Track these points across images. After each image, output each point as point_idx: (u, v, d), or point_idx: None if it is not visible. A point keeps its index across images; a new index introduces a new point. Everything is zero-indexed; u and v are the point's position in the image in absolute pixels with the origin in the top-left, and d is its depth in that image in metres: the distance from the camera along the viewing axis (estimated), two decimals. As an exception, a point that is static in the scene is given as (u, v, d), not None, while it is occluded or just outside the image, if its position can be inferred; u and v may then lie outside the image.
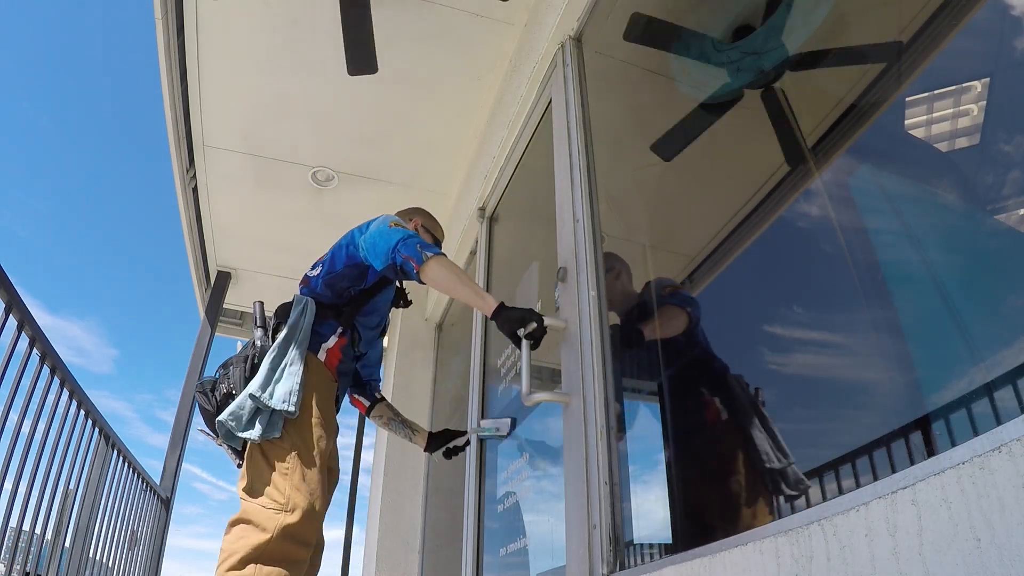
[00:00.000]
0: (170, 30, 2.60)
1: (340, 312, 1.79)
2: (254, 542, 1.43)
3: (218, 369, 1.71)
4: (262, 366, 1.58)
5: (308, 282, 1.85)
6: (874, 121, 1.64)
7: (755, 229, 2.00)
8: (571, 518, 1.46)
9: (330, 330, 1.76)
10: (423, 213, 2.13)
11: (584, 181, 1.84)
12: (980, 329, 1.16)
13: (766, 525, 0.92)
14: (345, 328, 1.78)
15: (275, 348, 1.61)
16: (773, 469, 1.51)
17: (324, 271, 1.82)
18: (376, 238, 1.70)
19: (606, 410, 1.48)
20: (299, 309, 1.71)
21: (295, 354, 1.61)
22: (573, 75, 2.06)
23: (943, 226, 1.41)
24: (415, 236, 1.65)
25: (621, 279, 2.02)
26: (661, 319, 1.90)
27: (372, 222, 1.80)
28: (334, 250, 1.85)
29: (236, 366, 1.64)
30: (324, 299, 1.79)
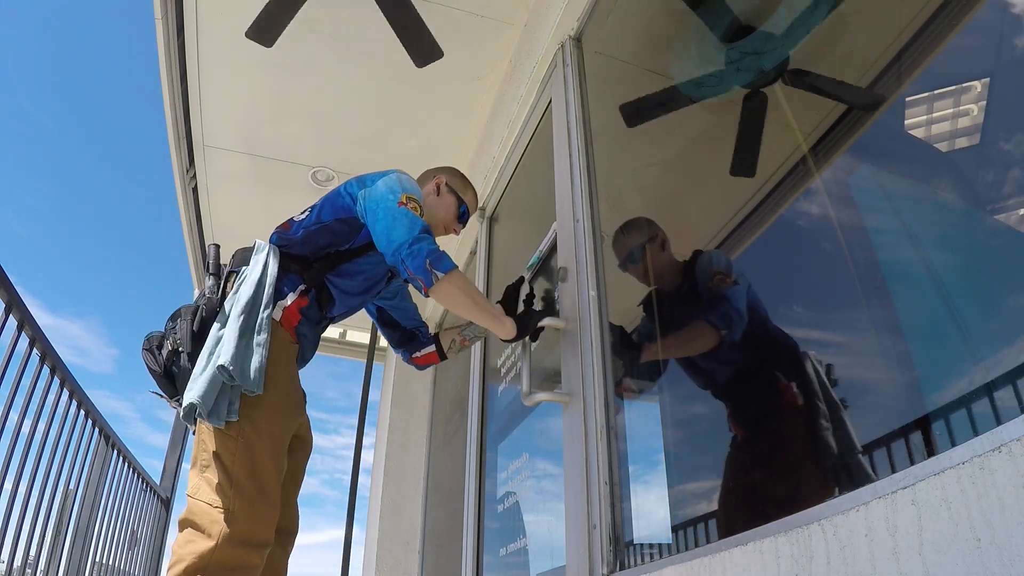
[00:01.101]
0: (170, 30, 2.60)
1: (308, 266, 1.55)
2: (199, 549, 1.26)
3: (167, 322, 1.50)
4: (226, 331, 1.36)
5: (289, 226, 1.62)
6: (874, 121, 1.64)
7: (755, 229, 2.00)
8: (571, 518, 1.46)
9: (290, 286, 1.51)
10: (451, 171, 1.85)
11: (584, 181, 1.84)
12: (980, 329, 1.16)
13: (766, 525, 0.92)
14: (310, 287, 1.53)
15: (240, 310, 1.38)
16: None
17: (312, 219, 1.59)
18: (377, 207, 1.50)
19: (606, 410, 1.48)
20: (260, 259, 1.47)
21: (263, 319, 1.39)
22: (573, 75, 2.06)
23: (943, 226, 1.41)
24: (424, 241, 1.44)
25: (667, 248, 1.78)
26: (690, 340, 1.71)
27: (379, 178, 1.59)
28: (326, 198, 1.63)
29: (184, 319, 1.44)
30: (293, 249, 1.56)
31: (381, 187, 1.54)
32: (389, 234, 1.45)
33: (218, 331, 1.38)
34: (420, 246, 1.43)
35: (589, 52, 2.13)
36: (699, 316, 1.69)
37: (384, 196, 1.51)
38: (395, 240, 1.44)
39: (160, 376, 1.46)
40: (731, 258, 2.13)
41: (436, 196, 1.77)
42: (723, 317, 1.64)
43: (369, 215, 1.51)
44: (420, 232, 1.45)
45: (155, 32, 2.58)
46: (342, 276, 1.59)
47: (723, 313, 1.65)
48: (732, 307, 1.65)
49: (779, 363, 1.52)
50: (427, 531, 3.42)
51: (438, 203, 1.76)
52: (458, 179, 1.82)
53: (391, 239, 1.45)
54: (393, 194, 1.51)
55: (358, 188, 1.58)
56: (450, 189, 1.78)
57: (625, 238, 1.79)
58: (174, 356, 1.43)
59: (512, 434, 2.16)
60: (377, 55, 2.78)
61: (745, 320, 1.61)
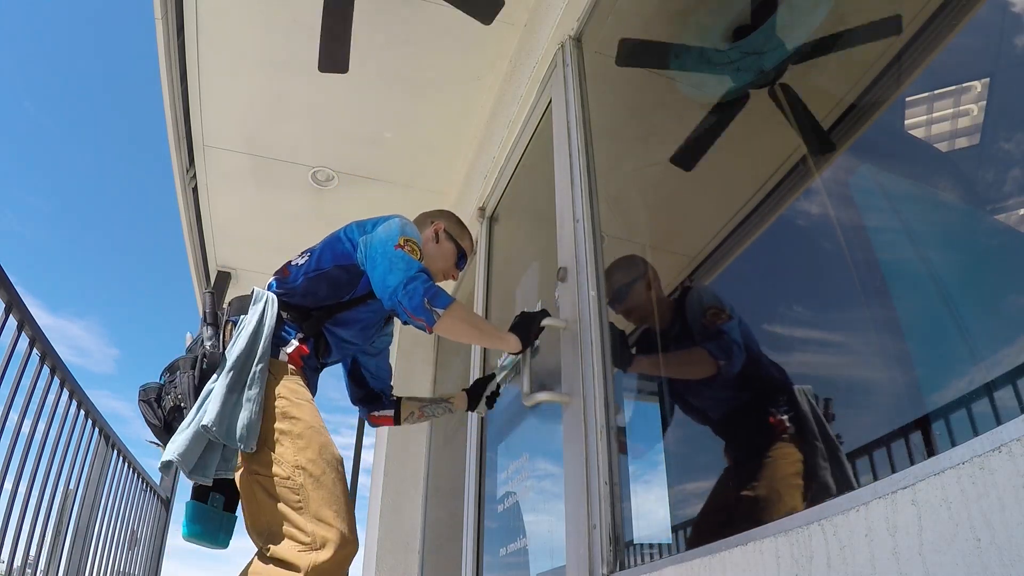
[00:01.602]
0: (170, 30, 2.60)
1: (307, 315, 1.53)
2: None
3: (163, 372, 1.45)
4: (216, 387, 1.32)
5: (287, 272, 1.59)
6: (874, 121, 1.64)
7: (755, 229, 2.00)
8: (571, 518, 1.46)
9: (291, 334, 1.50)
10: (448, 217, 1.85)
11: (584, 181, 1.84)
12: (980, 329, 1.16)
13: (766, 525, 0.92)
14: (308, 336, 1.51)
15: (231, 364, 1.34)
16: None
17: (311, 265, 1.57)
18: (376, 254, 1.49)
19: (606, 410, 1.48)
20: (258, 309, 1.44)
21: (256, 372, 1.35)
22: (573, 75, 2.06)
23: (943, 226, 1.41)
24: (420, 280, 1.42)
25: (653, 287, 1.80)
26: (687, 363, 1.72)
27: (379, 223, 1.58)
28: (326, 242, 1.61)
29: (184, 372, 1.39)
30: (292, 298, 1.53)
31: (380, 233, 1.53)
32: (385, 278, 1.45)
33: (213, 382, 1.35)
34: (414, 285, 1.41)
35: (589, 52, 2.13)
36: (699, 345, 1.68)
37: (382, 241, 1.51)
38: (390, 284, 1.43)
39: (159, 429, 1.42)
40: (731, 258, 2.13)
41: (435, 244, 1.77)
42: (723, 348, 1.64)
43: (368, 262, 1.51)
44: (415, 272, 1.44)
45: (155, 32, 2.58)
46: (339, 325, 1.58)
47: (723, 345, 1.65)
48: (731, 339, 1.64)
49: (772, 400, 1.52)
50: (427, 531, 3.42)
51: (437, 251, 1.76)
52: (455, 224, 1.83)
53: (386, 283, 1.44)
54: (391, 239, 1.50)
55: (359, 234, 1.58)
56: (448, 236, 1.79)
57: (610, 278, 1.77)
58: (176, 412, 1.39)
59: (512, 434, 2.16)
60: (377, 55, 2.78)
61: (743, 354, 1.61)
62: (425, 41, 2.70)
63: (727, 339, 1.64)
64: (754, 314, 1.80)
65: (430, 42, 2.70)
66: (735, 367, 1.61)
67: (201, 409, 1.31)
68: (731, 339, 1.64)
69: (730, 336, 1.64)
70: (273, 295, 1.50)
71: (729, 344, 1.63)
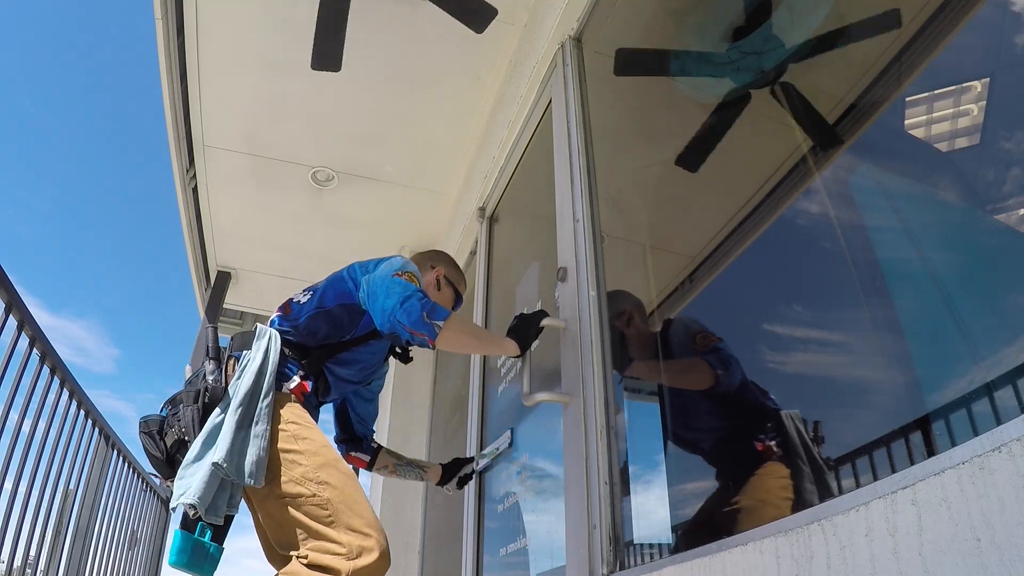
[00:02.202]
0: (170, 30, 2.60)
1: (308, 353, 1.54)
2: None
3: (164, 405, 1.47)
4: (225, 423, 1.33)
5: (289, 309, 1.60)
6: (874, 121, 1.64)
7: (755, 229, 2.00)
8: (571, 518, 1.46)
9: (292, 372, 1.51)
10: (447, 261, 1.87)
11: (584, 181, 1.84)
12: (980, 328, 1.16)
13: (766, 525, 0.92)
14: (308, 374, 1.52)
15: (239, 401, 1.35)
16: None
17: (313, 303, 1.57)
18: (376, 288, 1.50)
19: (606, 410, 1.48)
20: (262, 346, 1.45)
21: (262, 409, 1.37)
22: (573, 75, 2.06)
23: (943, 225, 1.41)
24: (416, 298, 1.44)
25: (635, 322, 1.80)
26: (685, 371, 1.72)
27: (381, 263, 1.59)
28: (330, 281, 1.63)
29: (187, 405, 1.41)
30: (294, 336, 1.54)
31: (382, 270, 1.55)
32: (383, 304, 1.46)
33: (217, 416, 1.36)
34: (411, 303, 1.43)
35: (589, 52, 2.12)
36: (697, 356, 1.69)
37: (383, 276, 1.53)
38: (387, 306, 1.45)
39: (160, 461, 1.43)
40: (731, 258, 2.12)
41: (437, 291, 1.79)
42: (722, 360, 1.65)
43: (370, 298, 1.51)
44: (412, 291, 1.46)
45: (155, 32, 2.58)
46: (340, 364, 1.59)
47: (722, 357, 1.65)
48: (728, 353, 1.65)
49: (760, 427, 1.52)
50: (427, 531, 3.42)
51: (438, 297, 1.77)
52: (454, 269, 1.86)
53: (384, 306, 1.46)
54: (390, 270, 1.53)
55: (361, 274, 1.59)
56: (448, 282, 1.81)
57: None
58: (179, 445, 1.40)
59: (512, 434, 2.16)
60: (377, 55, 2.78)
61: (740, 369, 1.61)
62: (425, 41, 2.70)
63: (724, 354, 1.65)
64: (754, 314, 1.80)
65: (430, 42, 2.70)
66: (734, 379, 1.61)
67: (210, 444, 1.33)
68: (728, 355, 1.65)
69: (726, 352, 1.65)
70: (276, 332, 1.51)
71: (727, 357, 1.64)
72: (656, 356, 1.77)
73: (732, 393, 1.61)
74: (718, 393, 1.62)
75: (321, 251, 4.16)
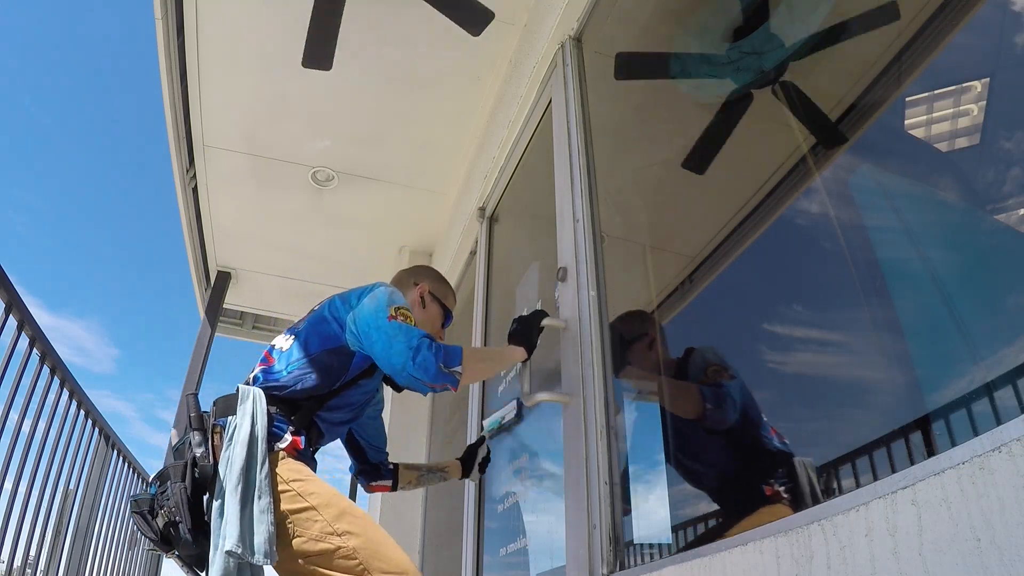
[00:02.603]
0: (170, 30, 2.60)
1: (296, 407, 1.45)
2: None
3: (153, 480, 1.39)
4: (227, 506, 1.28)
5: (272, 359, 1.49)
6: (874, 121, 1.64)
7: (755, 229, 2.00)
8: (571, 518, 1.46)
9: (282, 431, 1.41)
10: (431, 275, 1.77)
11: (584, 181, 1.84)
12: (980, 328, 1.16)
13: (766, 525, 0.92)
14: (299, 428, 1.43)
15: (237, 478, 1.28)
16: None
17: (297, 352, 1.47)
18: (370, 331, 1.42)
19: (606, 410, 1.48)
20: (247, 410, 1.36)
21: (261, 482, 1.30)
22: (573, 75, 2.06)
23: (943, 225, 1.41)
24: (425, 347, 1.37)
25: (655, 348, 1.78)
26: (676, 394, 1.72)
27: (363, 295, 1.50)
28: (311, 323, 1.52)
29: (175, 482, 1.33)
30: (280, 390, 1.44)
31: (368, 307, 1.45)
32: (389, 357, 1.39)
33: (219, 500, 1.30)
34: (422, 356, 1.36)
35: (589, 52, 2.12)
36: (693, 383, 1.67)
37: (372, 314, 1.43)
38: (396, 362, 1.38)
39: (156, 541, 1.37)
40: (731, 258, 2.12)
41: (422, 308, 1.70)
42: (716, 396, 1.62)
43: (364, 340, 1.44)
44: (416, 341, 1.38)
45: (155, 32, 2.58)
46: (331, 411, 1.51)
47: (717, 393, 1.62)
48: (726, 394, 1.61)
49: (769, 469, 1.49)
50: (427, 531, 3.42)
51: (424, 316, 1.69)
52: (439, 283, 1.76)
53: (392, 362, 1.39)
54: (380, 311, 1.43)
55: (344, 311, 1.50)
56: (433, 298, 1.72)
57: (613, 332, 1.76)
58: (171, 527, 1.34)
59: (512, 434, 2.16)
60: (377, 55, 2.78)
61: (738, 411, 1.58)
62: (425, 41, 2.70)
63: (723, 391, 1.62)
64: (754, 314, 1.80)
65: (430, 42, 2.70)
66: (724, 418, 1.59)
67: (220, 536, 1.26)
68: (726, 394, 1.61)
69: (726, 391, 1.62)
70: (259, 392, 1.41)
71: (723, 396, 1.61)
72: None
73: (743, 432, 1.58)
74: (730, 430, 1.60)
75: (321, 251, 4.16)
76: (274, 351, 1.51)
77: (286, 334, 1.54)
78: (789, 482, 1.38)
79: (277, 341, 1.54)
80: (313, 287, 4.51)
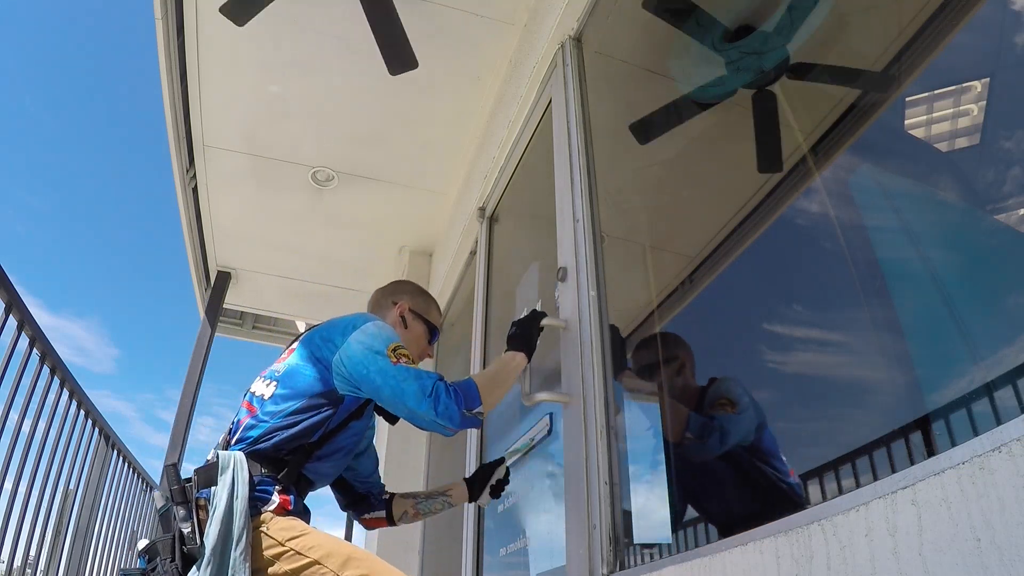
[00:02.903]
0: (170, 30, 2.60)
1: (282, 464, 1.36)
2: None
3: (142, 553, 1.34)
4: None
5: (253, 408, 1.40)
6: (874, 121, 1.64)
7: (755, 229, 2.00)
8: (571, 518, 1.46)
9: (268, 493, 1.33)
10: (410, 291, 1.68)
11: (584, 181, 1.84)
12: (980, 328, 1.16)
13: (766, 525, 0.92)
14: (287, 487, 1.35)
15: (208, 558, 1.23)
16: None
17: (280, 403, 1.38)
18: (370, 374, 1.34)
19: (606, 410, 1.48)
20: (226, 481, 1.29)
21: (236, 560, 1.24)
22: (573, 75, 2.06)
23: (943, 225, 1.41)
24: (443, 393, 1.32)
25: (684, 374, 1.77)
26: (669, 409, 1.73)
27: (347, 331, 1.41)
28: (293, 369, 1.41)
29: (164, 559, 1.28)
30: (264, 447, 1.35)
31: (359, 346, 1.37)
32: (405, 404, 1.32)
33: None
34: (444, 404, 1.31)
35: (589, 52, 2.12)
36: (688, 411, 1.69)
37: (371, 358, 1.35)
38: (419, 410, 1.31)
39: None
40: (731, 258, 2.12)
41: (404, 328, 1.62)
42: (702, 426, 1.62)
43: (364, 384, 1.36)
44: (431, 388, 1.32)
45: (155, 32, 2.58)
46: (319, 460, 1.42)
47: (705, 424, 1.62)
48: (716, 426, 1.62)
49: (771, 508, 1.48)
50: (427, 531, 3.42)
51: (408, 337, 1.61)
52: (420, 299, 1.68)
53: (412, 409, 1.32)
54: (379, 353, 1.35)
55: (328, 351, 1.39)
56: (415, 315, 1.64)
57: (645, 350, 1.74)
58: None
59: (512, 434, 2.16)
60: (377, 55, 2.77)
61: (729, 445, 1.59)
62: (425, 41, 2.70)
63: (713, 424, 1.62)
64: (754, 314, 1.80)
65: (430, 42, 2.70)
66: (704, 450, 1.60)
67: None
68: (717, 426, 1.62)
69: (717, 424, 1.62)
70: (240, 458, 1.33)
71: (710, 428, 1.61)
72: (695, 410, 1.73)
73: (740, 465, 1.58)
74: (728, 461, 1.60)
75: (321, 251, 4.16)
76: (255, 399, 1.42)
77: (265, 378, 1.44)
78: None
79: (256, 387, 1.44)
80: (313, 287, 4.51)
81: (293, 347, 1.47)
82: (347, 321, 1.44)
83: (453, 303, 3.70)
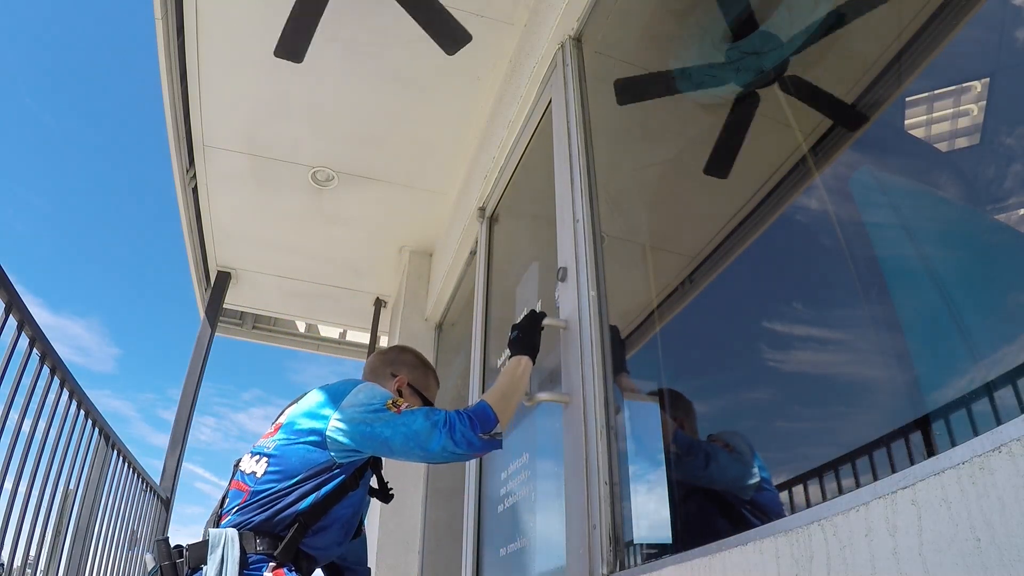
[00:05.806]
0: (170, 30, 2.60)
1: (278, 539, 1.32)
2: None
3: None
4: None
5: (246, 488, 1.36)
6: (874, 121, 1.64)
7: (755, 228, 2.00)
8: (571, 518, 1.46)
9: (261, 570, 1.30)
10: (409, 363, 1.65)
11: (584, 181, 1.84)
12: (980, 328, 1.16)
13: (766, 525, 0.92)
14: (282, 563, 1.31)
15: None
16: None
17: (274, 481, 1.34)
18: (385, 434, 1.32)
19: (606, 410, 1.48)
20: (216, 559, 1.26)
21: None
22: (573, 75, 2.06)
23: (943, 225, 1.41)
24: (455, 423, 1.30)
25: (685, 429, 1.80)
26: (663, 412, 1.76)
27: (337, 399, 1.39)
28: (284, 448, 1.37)
29: None
30: (259, 523, 1.32)
31: (355, 413, 1.35)
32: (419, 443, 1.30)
33: None
34: (460, 431, 1.30)
35: (589, 52, 2.12)
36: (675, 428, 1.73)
37: (372, 417, 1.34)
38: (433, 447, 1.29)
39: None
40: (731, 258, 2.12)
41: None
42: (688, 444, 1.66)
43: (370, 443, 1.34)
44: (444, 419, 1.31)
45: (155, 32, 2.58)
46: (317, 534, 1.38)
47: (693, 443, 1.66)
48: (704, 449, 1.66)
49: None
50: (427, 531, 3.42)
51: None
52: (419, 372, 1.65)
53: (426, 447, 1.30)
54: (379, 410, 1.35)
55: (321, 421, 1.37)
56: (413, 391, 1.61)
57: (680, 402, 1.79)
58: None
59: (512, 434, 2.16)
60: (377, 55, 2.78)
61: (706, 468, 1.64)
62: (425, 41, 2.70)
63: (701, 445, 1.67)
64: (754, 313, 1.80)
65: (430, 42, 2.70)
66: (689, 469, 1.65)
67: None
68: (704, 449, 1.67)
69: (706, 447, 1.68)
70: (233, 534, 1.30)
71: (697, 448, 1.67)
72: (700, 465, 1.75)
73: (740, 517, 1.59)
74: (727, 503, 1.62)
75: (321, 251, 4.16)
76: (245, 477, 1.38)
77: (254, 454, 1.41)
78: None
79: (246, 464, 1.40)
80: (313, 287, 4.51)
81: (280, 422, 1.44)
82: (334, 390, 1.42)
83: (453, 303, 3.70)
